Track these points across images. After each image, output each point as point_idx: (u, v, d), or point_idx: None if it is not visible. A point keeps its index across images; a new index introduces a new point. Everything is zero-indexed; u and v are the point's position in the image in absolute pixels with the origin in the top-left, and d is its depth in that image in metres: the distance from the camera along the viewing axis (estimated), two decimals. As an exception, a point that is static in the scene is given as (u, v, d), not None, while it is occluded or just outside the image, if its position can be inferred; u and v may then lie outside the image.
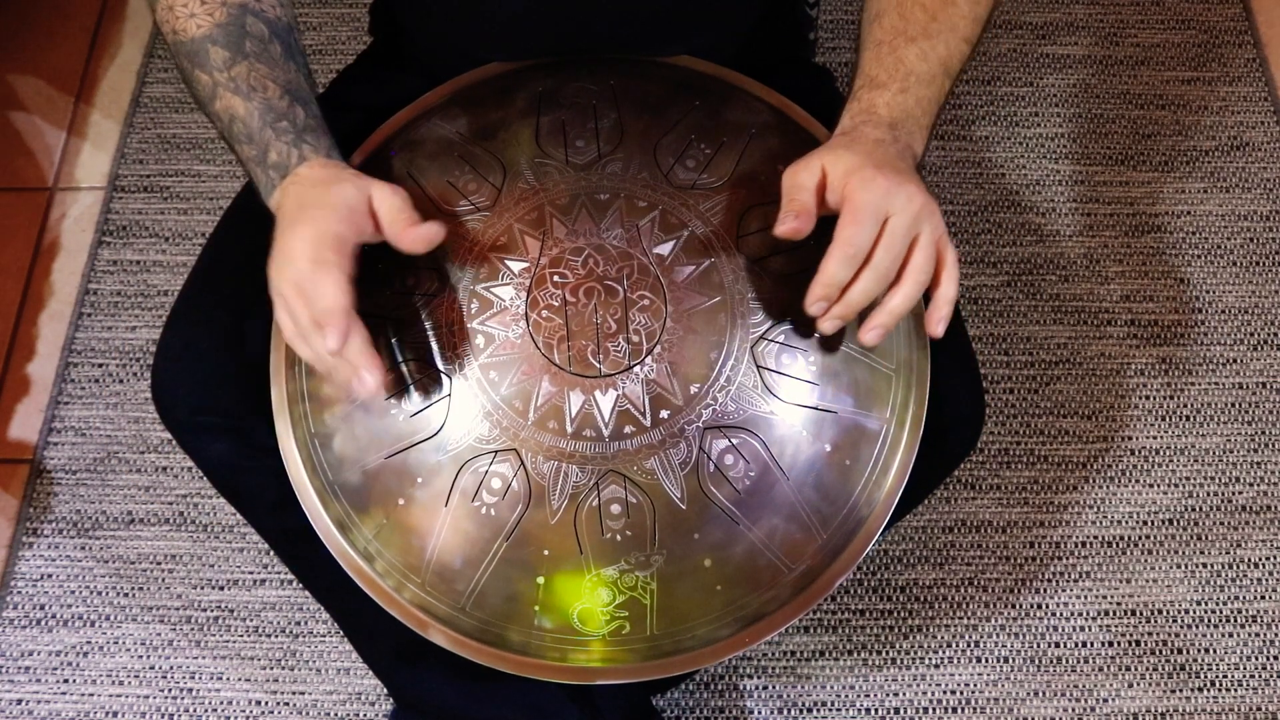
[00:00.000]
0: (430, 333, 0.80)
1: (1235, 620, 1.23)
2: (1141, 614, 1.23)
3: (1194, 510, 1.29)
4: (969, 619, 1.23)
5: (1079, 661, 1.21)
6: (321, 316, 0.73)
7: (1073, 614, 1.23)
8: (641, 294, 0.80)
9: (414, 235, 0.76)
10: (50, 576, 1.26)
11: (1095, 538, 1.27)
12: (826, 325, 0.76)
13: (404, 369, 0.80)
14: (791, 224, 0.75)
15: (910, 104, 0.81)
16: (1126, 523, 1.28)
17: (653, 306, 0.80)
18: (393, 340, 0.81)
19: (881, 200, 0.74)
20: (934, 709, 1.19)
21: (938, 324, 0.77)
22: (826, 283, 0.74)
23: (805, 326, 0.79)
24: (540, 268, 0.81)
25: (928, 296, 0.78)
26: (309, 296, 0.74)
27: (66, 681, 1.21)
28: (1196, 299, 1.41)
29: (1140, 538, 1.27)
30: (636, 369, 0.79)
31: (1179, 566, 1.26)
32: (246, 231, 0.94)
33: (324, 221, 0.75)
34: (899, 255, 0.75)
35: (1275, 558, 1.26)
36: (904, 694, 1.19)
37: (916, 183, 0.76)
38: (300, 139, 0.81)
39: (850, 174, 0.75)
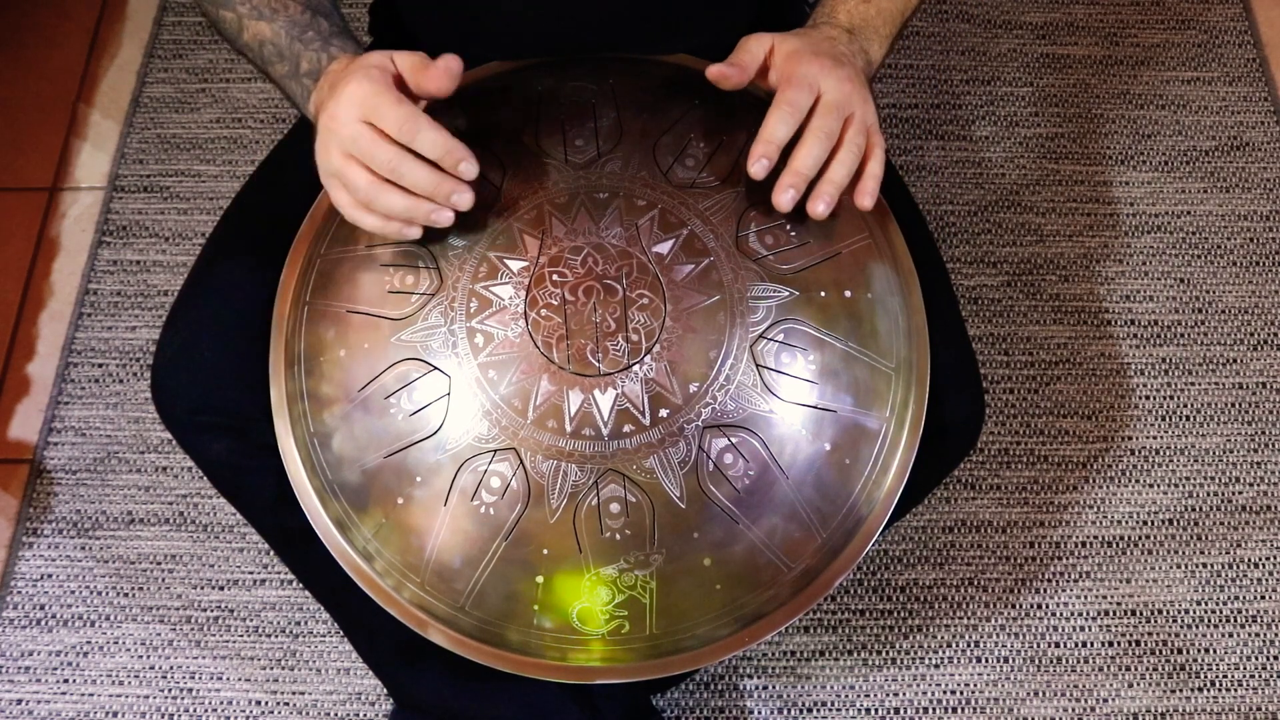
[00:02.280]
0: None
1: (1235, 620, 1.23)
2: (1141, 614, 1.23)
3: (1194, 510, 1.28)
4: (969, 619, 1.23)
5: (1079, 661, 1.21)
6: (445, 156, 0.75)
7: (1073, 614, 1.23)
8: (641, 293, 0.80)
9: (436, 74, 0.77)
10: (50, 576, 1.26)
11: (1095, 538, 1.27)
12: (783, 199, 0.78)
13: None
14: (721, 68, 0.80)
15: (871, 14, 0.86)
16: (1126, 523, 1.28)
17: (652, 305, 0.80)
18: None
19: (817, 75, 0.78)
20: (934, 709, 1.19)
21: (864, 195, 0.80)
22: (768, 140, 0.77)
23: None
24: (539, 267, 0.81)
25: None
26: (389, 120, 0.74)
27: (66, 681, 1.21)
28: (1196, 299, 1.41)
29: (1140, 538, 1.27)
30: (636, 368, 0.79)
31: (1179, 566, 1.25)
32: (247, 232, 0.94)
33: (366, 78, 0.76)
34: (835, 126, 0.78)
35: (1275, 558, 1.26)
36: (904, 694, 1.19)
37: (854, 71, 0.81)
38: (328, 44, 0.84)
39: (791, 55, 0.79)
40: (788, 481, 0.79)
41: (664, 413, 0.79)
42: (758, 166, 0.78)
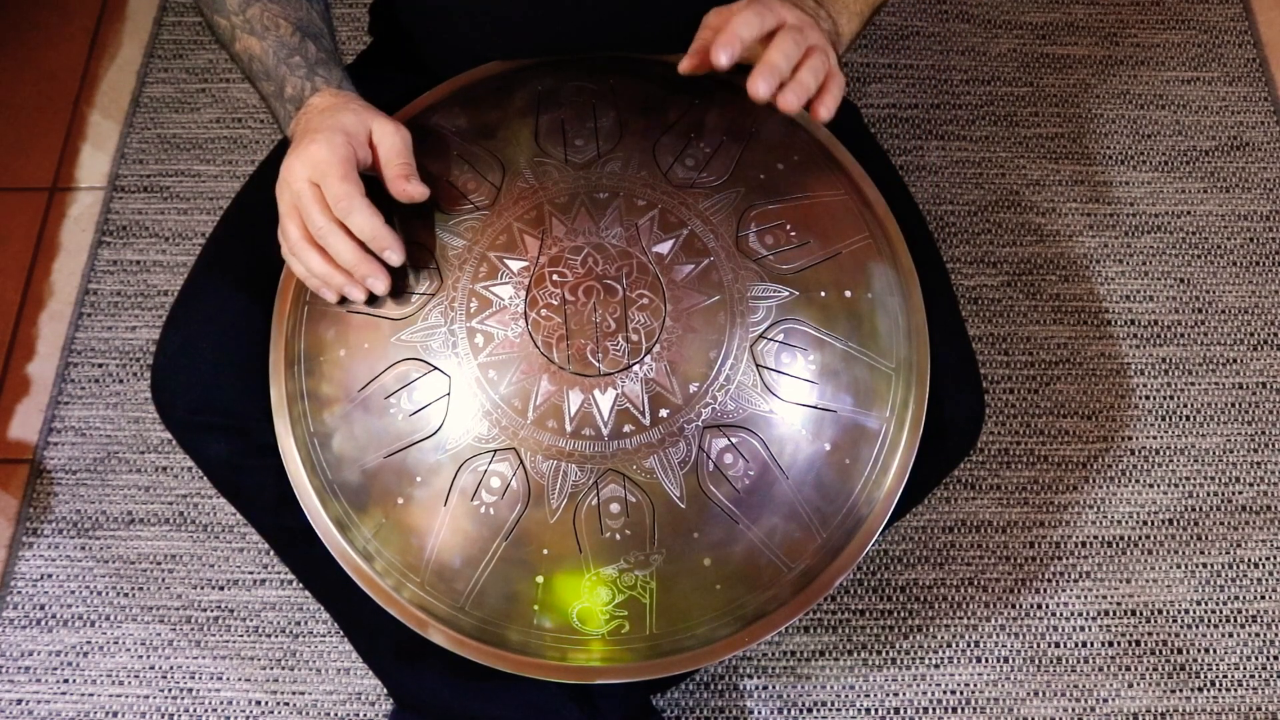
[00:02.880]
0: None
1: (1235, 620, 1.23)
2: (1141, 614, 1.23)
3: (1194, 510, 1.28)
4: (969, 619, 1.23)
5: (1079, 661, 1.21)
6: (373, 241, 0.78)
7: (1073, 614, 1.23)
8: (641, 293, 0.80)
9: (402, 188, 0.80)
10: (50, 576, 1.26)
11: (1095, 538, 1.27)
12: (760, 87, 0.79)
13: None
14: (689, 61, 0.83)
15: None
16: (1126, 523, 1.28)
17: (652, 305, 0.80)
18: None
19: (779, 10, 0.80)
20: (934, 709, 1.19)
21: (823, 106, 0.82)
22: (731, 33, 0.78)
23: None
24: (539, 266, 0.81)
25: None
26: (330, 192, 0.78)
27: (66, 681, 1.21)
28: (1196, 299, 1.41)
29: (1140, 538, 1.27)
30: (636, 368, 0.79)
31: (1179, 566, 1.25)
32: (246, 231, 0.94)
33: (328, 143, 0.78)
34: (800, 42, 0.80)
35: (1275, 558, 1.26)
36: (904, 694, 1.19)
37: (815, 23, 0.83)
38: (313, 72, 0.86)
39: (762, 9, 0.80)
40: (788, 481, 0.79)
41: (664, 413, 0.79)
42: (724, 55, 0.79)
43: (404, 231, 0.84)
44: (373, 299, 0.82)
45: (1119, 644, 1.22)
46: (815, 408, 0.80)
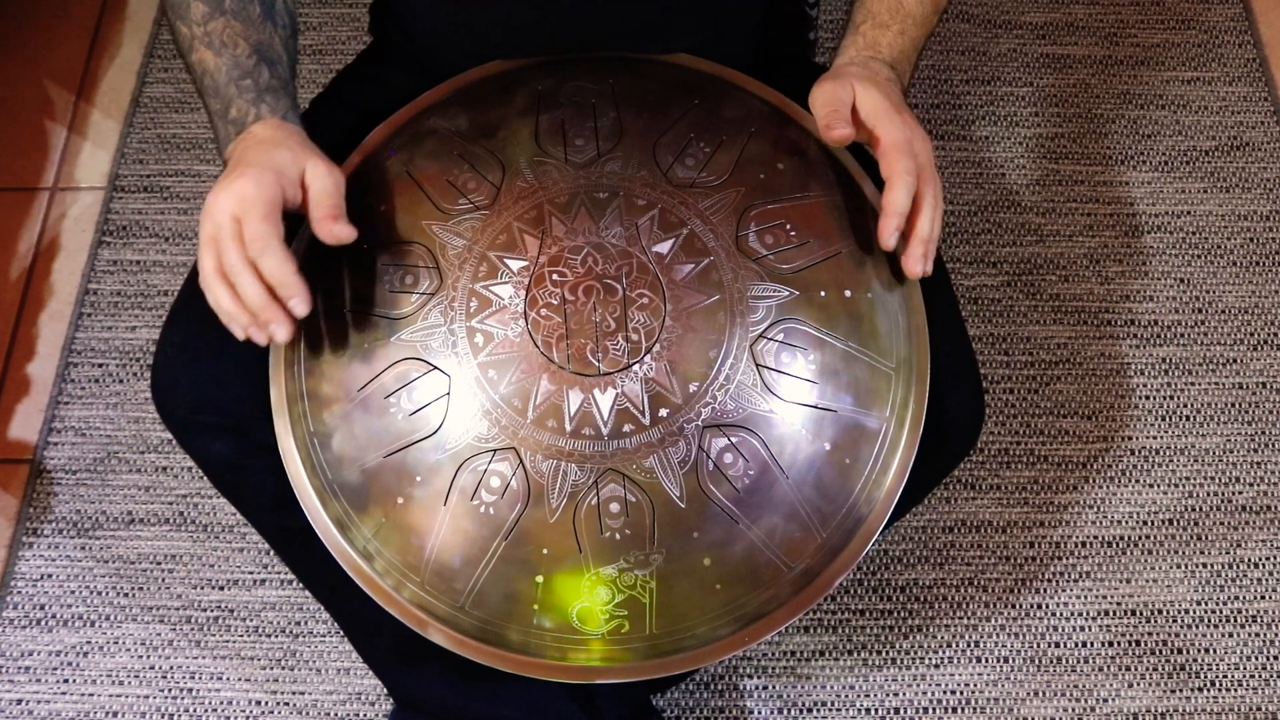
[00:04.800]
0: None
1: (1235, 620, 1.23)
2: (1141, 614, 1.23)
3: (1194, 510, 1.28)
4: (969, 619, 1.23)
5: (1079, 661, 1.21)
6: (280, 288, 0.76)
7: (1073, 614, 1.23)
8: (640, 292, 0.80)
9: (329, 229, 0.79)
10: (50, 576, 1.26)
11: (1095, 538, 1.27)
12: (920, 268, 0.81)
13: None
14: (844, 129, 0.81)
15: (907, 45, 0.89)
16: (1126, 523, 1.28)
17: (652, 305, 0.80)
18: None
19: (908, 138, 0.82)
20: (934, 709, 1.19)
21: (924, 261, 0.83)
22: (899, 212, 0.80)
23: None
24: (539, 266, 0.81)
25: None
26: (249, 231, 0.76)
27: (66, 681, 1.21)
28: (1196, 299, 1.41)
29: (1140, 538, 1.27)
30: (635, 367, 0.79)
31: (1179, 566, 1.25)
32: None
33: (256, 180, 0.77)
34: (912, 171, 0.82)
35: (1275, 558, 1.26)
36: (904, 694, 1.19)
37: (916, 119, 0.85)
38: (260, 98, 0.84)
39: (879, 114, 0.82)
40: (788, 481, 0.79)
41: (664, 412, 0.79)
42: (894, 238, 0.80)
43: (403, 231, 0.84)
44: (370, 300, 0.81)
45: (1119, 644, 1.22)
46: (815, 407, 0.80)
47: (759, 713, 1.19)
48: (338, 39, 1.61)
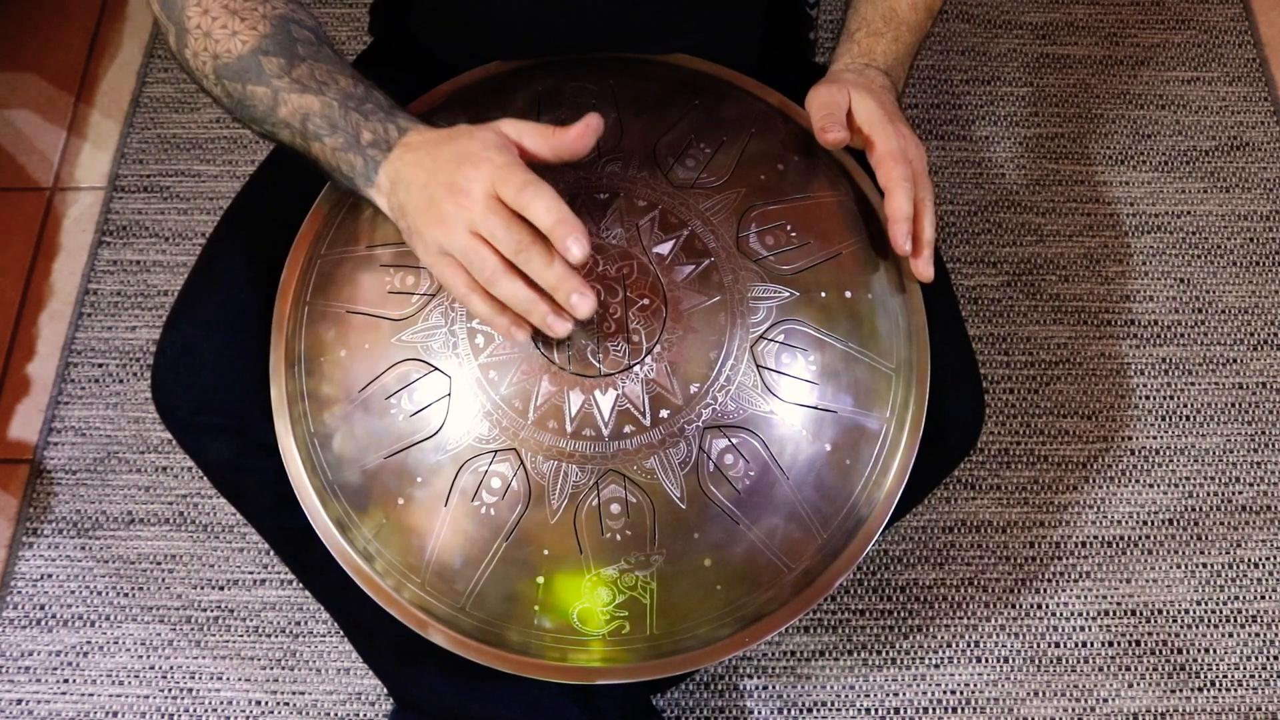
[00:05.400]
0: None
1: (1235, 620, 1.23)
2: (1141, 614, 1.23)
3: (1194, 510, 1.28)
4: (969, 619, 1.23)
5: (1079, 661, 1.21)
6: (556, 226, 0.70)
7: (1073, 614, 1.23)
8: (641, 293, 0.80)
9: (572, 137, 0.74)
10: (50, 576, 1.26)
11: (1095, 538, 1.27)
12: (930, 270, 0.82)
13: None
14: (840, 133, 0.82)
15: (902, 52, 0.90)
16: (1126, 523, 1.28)
17: (652, 306, 0.80)
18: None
19: (903, 146, 0.83)
20: (934, 709, 1.19)
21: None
22: (905, 217, 0.81)
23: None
24: (540, 267, 0.81)
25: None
26: (527, 207, 0.71)
27: (66, 681, 1.21)
28: (1196, 299, 1.41)
29: (1140, 538, 1.27)
30: (636, 368, 0.79)
31: (1179, 566, 1.25)
32: (247, 232, 0.94)
33: (489, 133, 0.74)
34: (908, 176, 0.83)
35: (1275, 558, 1.26)
36: (904, 694, 1.19)
37: (914, 132, 0.86)
38: (392, 116, 0.80)
39: (873, 121, 0.83)
40: (788, 482, 0.79)
41: (664, 413, 0.79)
42: (908, 242, 0.81)
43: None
44: (370, 301, 0.81)
45: (1119, 644, 1.22)
46: (815, 408, 0.80)
47: (759, 713, 1.19)
48: (338, 39, 1.61)
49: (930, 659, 1.21)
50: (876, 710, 1.19)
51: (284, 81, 0.80)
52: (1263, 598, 1.24)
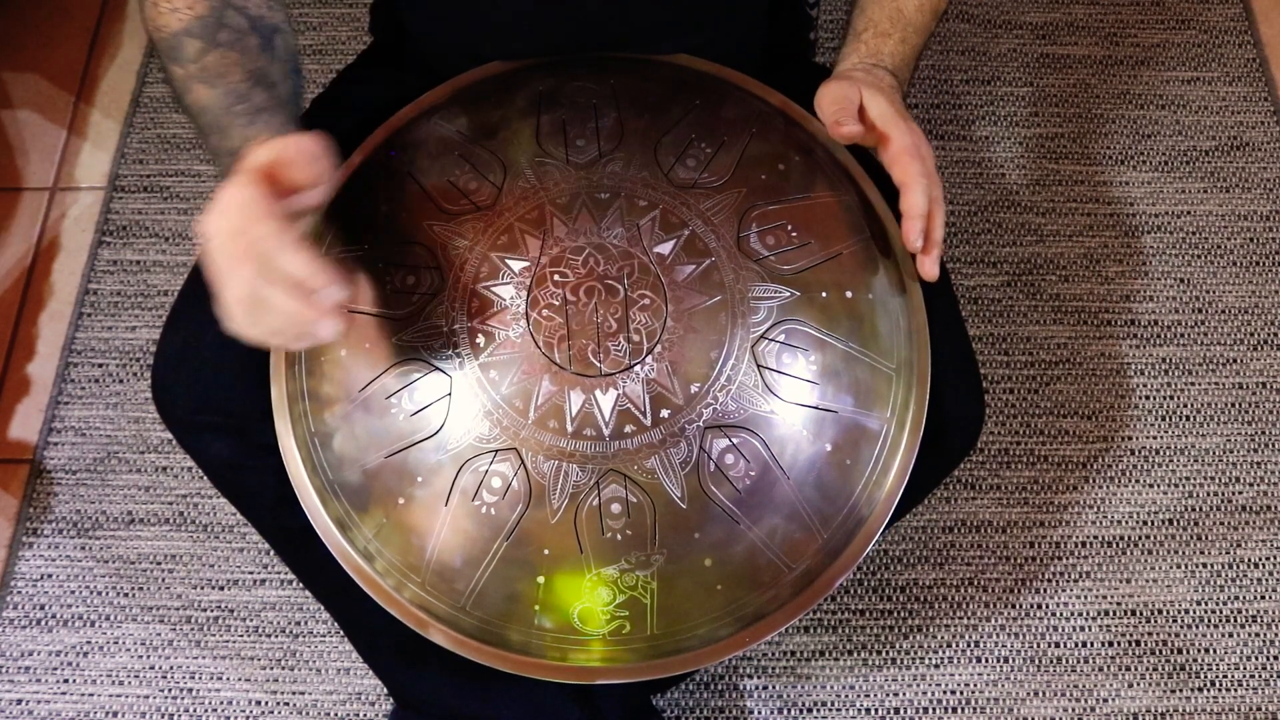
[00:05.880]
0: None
1: (1235, 620, 1.23)
2: (1141, 614, 1.23)
3: (1194, 510, 1.28)
4: (969, 619, 1.23)
5: (1079, 661, 1.21)
6: (305, 280, 0.69)
7: (1073, 614, 1.23)
8: (642, 293, 0.80)
9: (299, 165, 0.74)
10: (50, 576, 1.26)
11: (1095, 538, 1.27)
12: (934, 269, 0.83)
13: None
14: (853, 126, 0.82)
15: (908, 53, 0.91)
16: (1126, 523, 1.28)
17: (653, 305, 0.80)
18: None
19: (915, 143, 0.83)
20: (934, 709, 1.19)
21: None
22: (920, 214, 0.82)
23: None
24: (541, 267, 0.81)
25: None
26: (266, 263, 0.70)
27: (66, 681, 1.21)
28: (1196, 299, 1.41)
29: (1140, 538, 1.27)
30: (637, 368, 0.79)
31: (1179, 566, 1.26)
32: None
33: (233, 187, 0.73)
34: (928, 175, 0.84)
35: (1275, 558, 1.26)
36: (904, 694, 1.19)
37: (922, 131, 0.86)
38: (253, 120, 0.79)
39: (887, 118, 0.83)
40: (789, 482, 0.79)
41: (665, 413, 0.79)
42: (920, 240, 0.82)
43: (405, 231, 0.84)
44: (371, 301, 0.81)
45: (1119, 644, 1.22)
46: (816, 408, 0.80)
47: (759, 713, 1.19)
48: (338, 39, 1.61)
49: (930, 659, 1.21)
50: (876, 710, 1.19)
51: (195, 67, 0.81)
52: (1263, 598, 1.24)
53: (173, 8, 0.82)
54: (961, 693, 1.20)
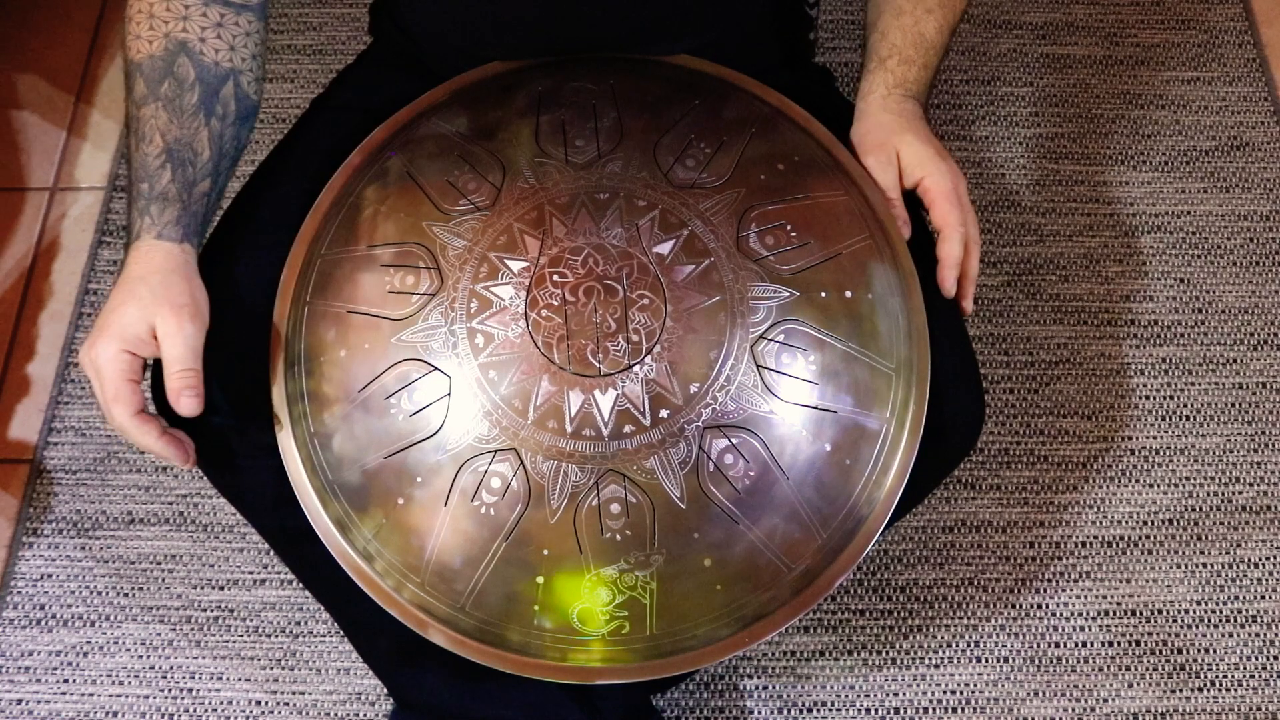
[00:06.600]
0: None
1: (1235, 620, 1.23)
2: (1141, 614, 1.23)
3: (1194, 510, 1.28)
4: (969, 619, 1.23)
5: (1079, 661, 1.21)
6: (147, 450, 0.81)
7: (1073, 614, 1.23)
8: (641, 293, 0.80)
9: (176, 403, 0.80)
10: (50, 576, 1.26)
11: (1095, 538, 1.27)
12: (969, 305, 0.88)
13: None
14: (908, 228, 0.87)
15: (929, 77, 0.93)
16: (1126, 523, 1.28)
17: (652, 306, 0.80)
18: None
19: (952, 185, 0.87)
20: (934, 709, 1.19)
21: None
22: (956, 263, 0.86)
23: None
24: (540, 267, 0.81)
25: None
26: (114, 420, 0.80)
27: (66, 681, 1.21)
28: (1196, 299, 1.41)
29: (1140, 538, 1.27)
30: (636, 368, 0.79)
31: (1179, 566, 1.25)
32: (246, 231, 0.94)
33: (103, 352, 0.80)
34: (962, 215, 0.87)
35: (1275, 558, 1.26)
36: (904, 694, 1.19)
37: (953, 160, 0.90)
38: (146, 208, 0.83)
39: (923, 161, 0.86)
40: (788, 482, 0.79)
41: (664, 413, 0.79)
42: (955, 286, 0.87)
43: (404, 232, 0.84)
44: (370, 301, 0.81)
45: (1119, 644, 1.22)
46: (816, 408, 0.80)
47: (759, 713, 1.19)
48: (338, 39, 1.61)
49: (930, 659, 1.21)
50: (876, 710, 1.19)
51: (135, 111, 0.84)
52: (1263, 598, 1.24)
53: (137, 35, 0.84)
54: (961, 693, 1.20)
